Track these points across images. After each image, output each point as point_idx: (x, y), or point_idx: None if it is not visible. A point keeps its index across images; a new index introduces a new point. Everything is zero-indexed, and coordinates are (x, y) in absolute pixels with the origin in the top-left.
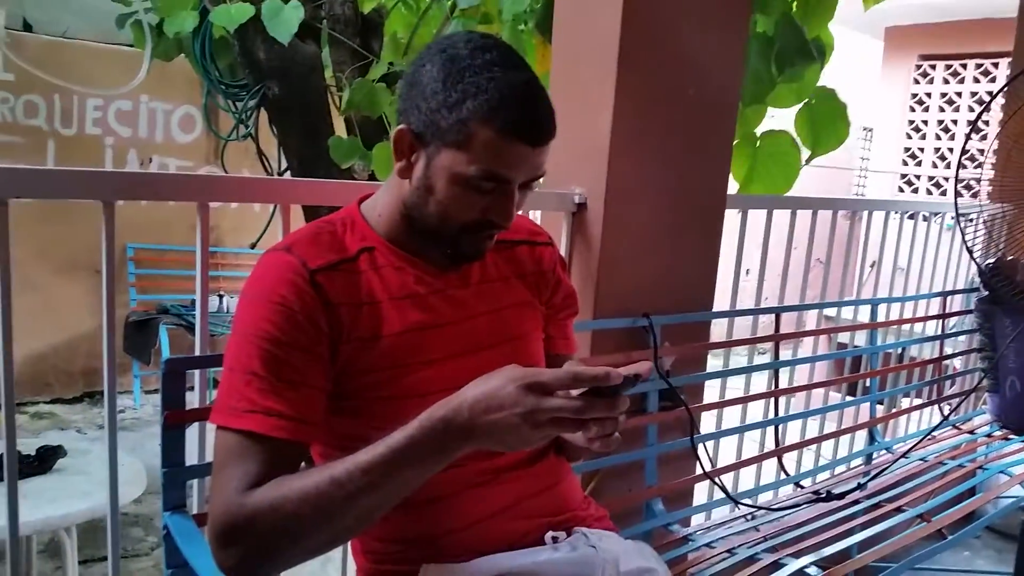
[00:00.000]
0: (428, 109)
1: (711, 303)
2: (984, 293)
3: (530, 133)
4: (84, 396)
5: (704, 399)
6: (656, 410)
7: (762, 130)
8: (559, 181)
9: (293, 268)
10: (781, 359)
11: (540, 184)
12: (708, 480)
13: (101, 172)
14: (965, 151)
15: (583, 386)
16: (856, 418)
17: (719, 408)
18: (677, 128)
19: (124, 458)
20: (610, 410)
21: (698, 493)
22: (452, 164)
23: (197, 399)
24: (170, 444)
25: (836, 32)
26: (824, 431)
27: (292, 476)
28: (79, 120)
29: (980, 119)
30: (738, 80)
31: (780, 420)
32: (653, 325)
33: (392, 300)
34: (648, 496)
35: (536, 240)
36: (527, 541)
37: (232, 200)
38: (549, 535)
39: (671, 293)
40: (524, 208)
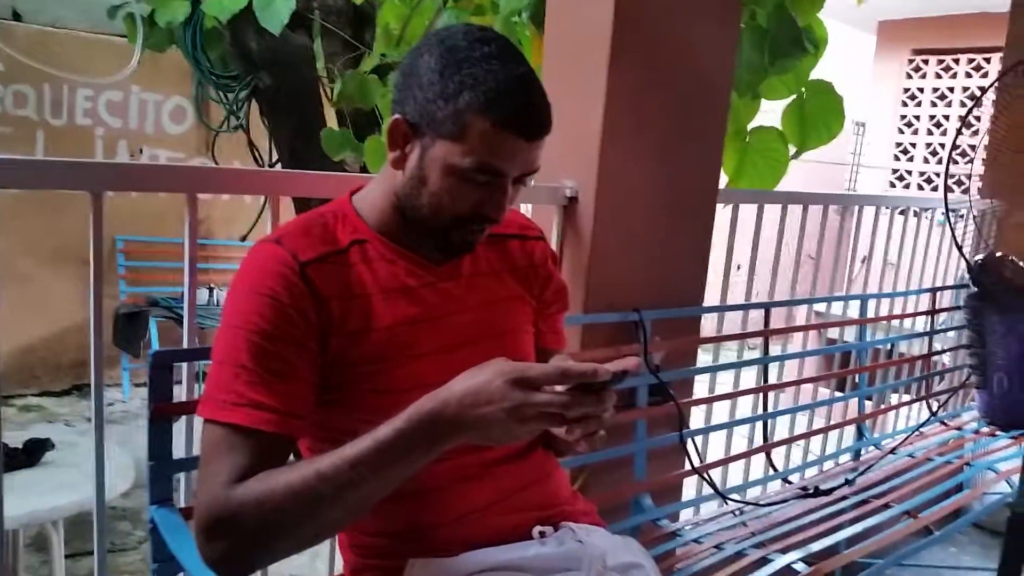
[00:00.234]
0: (424, 99)
1: (701, 298)
2: (973, 289)
3: (526, 127)
4: (73, 389)
5: (694, 394)
6: (645, 405)
7: (754, 124)
8: (550, 174)
9: (283, 260)
10: (770, 355)
11: (532, 180)
12: (697, 475)
13: (88, 163)
14: (956, 146)
15: (571, 381)
16: (845, 414)
17: (708, 403)
18: (669, 122)
19: (112, 451)
20: (597, 405)
21: (686, 488)
22: (447, 155)
23: (184, 392)
24: (157, 437)
25: (829, 26)
26: (813, 427)
27: (279, 470)
28: (69, 111)
29: (971, 114)
30: (730, 73)
31: (769, 416)
32: (643, 320)
33: (383, 293)
34: (637, 491)
35: (528, 235)
36: (515, 535)
37: (221, 192)
38: (537, 530)
39: (661, 288)
40: (515, 201)
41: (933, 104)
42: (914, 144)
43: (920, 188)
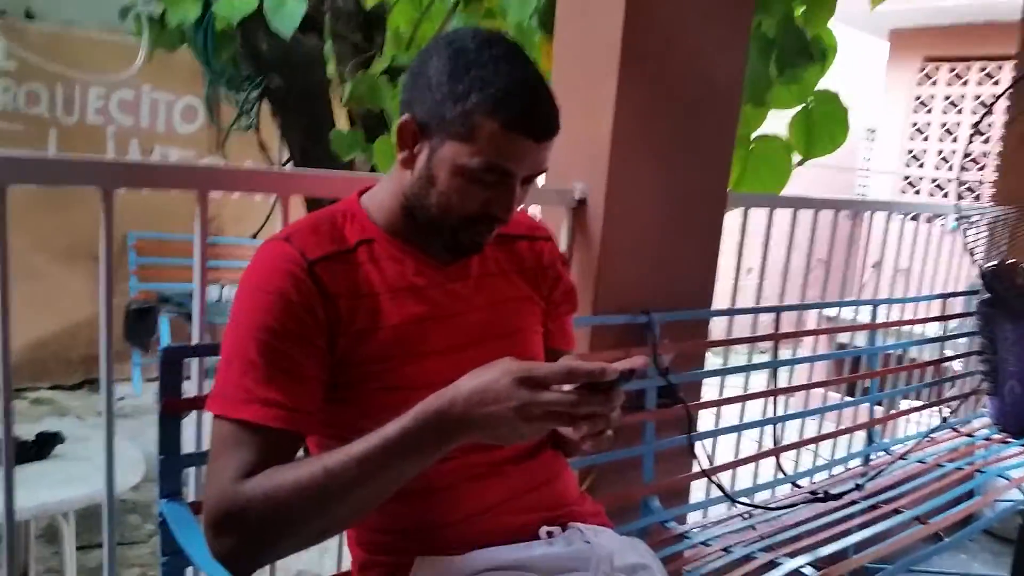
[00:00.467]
0: (433, 100)
1: (711, 301)
2: (985, 296)
3: (534, 128)
4: (84, 383)
5: (703, 397)
6: (654, 407)
7: (760, 131)
8: (560, 177)
9: (292, 259)
10: (780, 358)
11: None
12: (705, 478)
13: (100, 160)
14: (968, 153)
15: (578, 381)
16: (855, 419)
17: (717, 406)
18: (678, 126)
19: (123, 445)
20: (604, 405)
21: (695, 491)
22: (455, 155)
23: (195, 387)
24: (167, 432)
25: (842, 32)
26: (822, 431)
27: (287, 466)
28: (81, 109)
29: (983, 121)
30: (740, 79)
31: (779, 419)
32: (653, 322)
33: (390, 292)
34: (645, 493)
35: (536, 235)
36: (522, 535)
37: (231, 190)
38: (544, 530)
39: (671, 290)
40: (524, 203)
41: (944, 111)
42: (925, 151)
43: (931, 195)
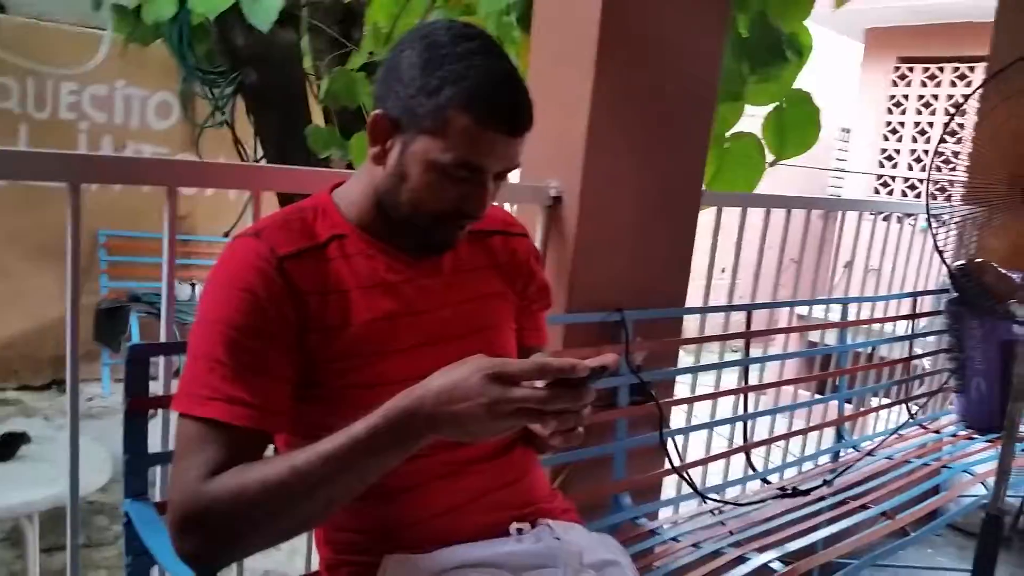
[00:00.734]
0: (406, 95)
1: (684, 299)
2: (954, 294)
3: (507, 122)
4: (52, 384)
5: (675, 394)
6: (626, 404)
7: (734, 130)
8: (535, 174)
9: (261, 254)
10: (752, 356)
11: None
12: (676, 475)
13: (67, 154)
14: (939, 153)
15: (549, 377)
16: (824, 416)
17: (689, 403)
18: (654, 124)
19: (90, 446)
20: (576, 401)
21: (666, 488)
22: (427, 151)
23: (162, 387)
24: (133, 431)
25: (818, 33)
26: (792, 428)
27: (253, 464)
28: (53, 104)
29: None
30: (716, 77)
31: (749, 416)
32: (625, 320)
33: (361, 288)
34: (616, 490)
35: (511, 231)
36: (492, 533)
37: (201, 185)
38: (514, 527)
39: (644, 288)
40: (499, 200)
41: (918, 112)
42: (898, 151)
43: (904, 195)
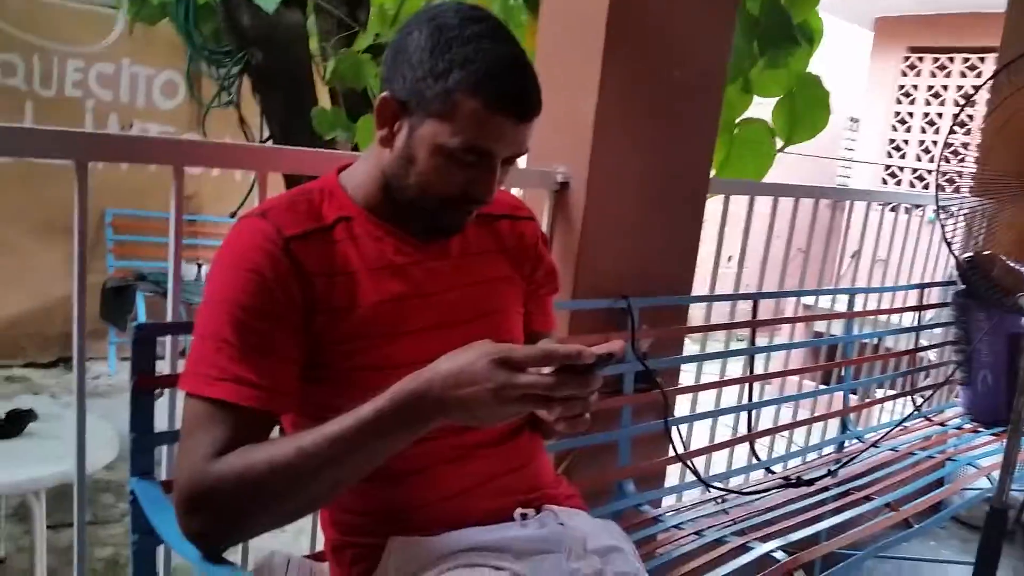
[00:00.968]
0: (414, 78)
1: (690, 287)
2: (961, 287)
3: (515, 107)
4: (59, 361)
5: (680, 382)
6: (632, 391)
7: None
8: (542, 159)
9: (267, 235)
10: (757, 345)
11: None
12: (680, 463)
13: (73, 132)
14: (948, 144)
15: (556, 363)
16: (829, 406)
17: (694, 392)
18: (662, 110)
19: (97, 424)
20: (582, 388)
21: (670, 475)
22: (435, 135)
23: (168, 365)
24: (139, 410)
25: (828, 21)
26: (797, 418)
27: (260, 445)
28: (59, 82)
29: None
30: (725, 63)
31: (754, 406)
32: (631, 307)
33: (369, 270)
34: (620, 477)
35: (518, 215)
36: (497, 518)
37: (207, 165)
38: (518, 512)
39: (651, 276)
40: (505, 185)
41: (927, 102)
42: (907, 141)
43: (912, 185)
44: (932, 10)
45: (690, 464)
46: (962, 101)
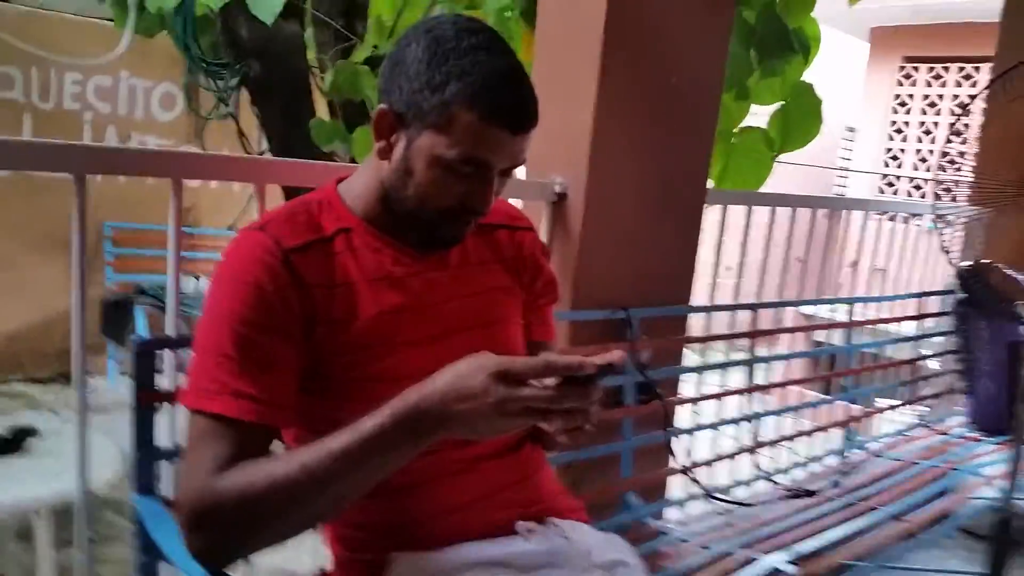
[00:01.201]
0: (411, 90)
1: (689, 298)
2: (961, 295)
3: (512, 119)
4: (58, 376)
5: (680, 393)
6: (633, 403)
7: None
8: (539, 170)
9: (267, 248)
10: (757, 356)
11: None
12: (684, 475)
13: (72, 145)
14: (945, 153)
15: (556, 375)
16: (831, 416)
17: (695, 403)
18: (659, 120)
19: (99, 440)
20: (583, 399)
21: (674, 487)
22: (432, 146)
23: (168, 380)
24: (140, 425)
25: (823, 32)
26: (799, 428)
27: (262, 461)
28: (57, 94)
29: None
30: (721, 72)
31: (756, 416)
32: (631, 318)
33: (368, 282)
34: (623, 489)
35: (516, 225)
36: (500, 531)
37: (205, 178)
38: (522, 525)
39: (649, 286)
40: (503, 196)
41: (923, 112)
42: (904, 151)
43: (909, 195)
44: (927, 20)
45: (693, 476)
46: (958, 110)
